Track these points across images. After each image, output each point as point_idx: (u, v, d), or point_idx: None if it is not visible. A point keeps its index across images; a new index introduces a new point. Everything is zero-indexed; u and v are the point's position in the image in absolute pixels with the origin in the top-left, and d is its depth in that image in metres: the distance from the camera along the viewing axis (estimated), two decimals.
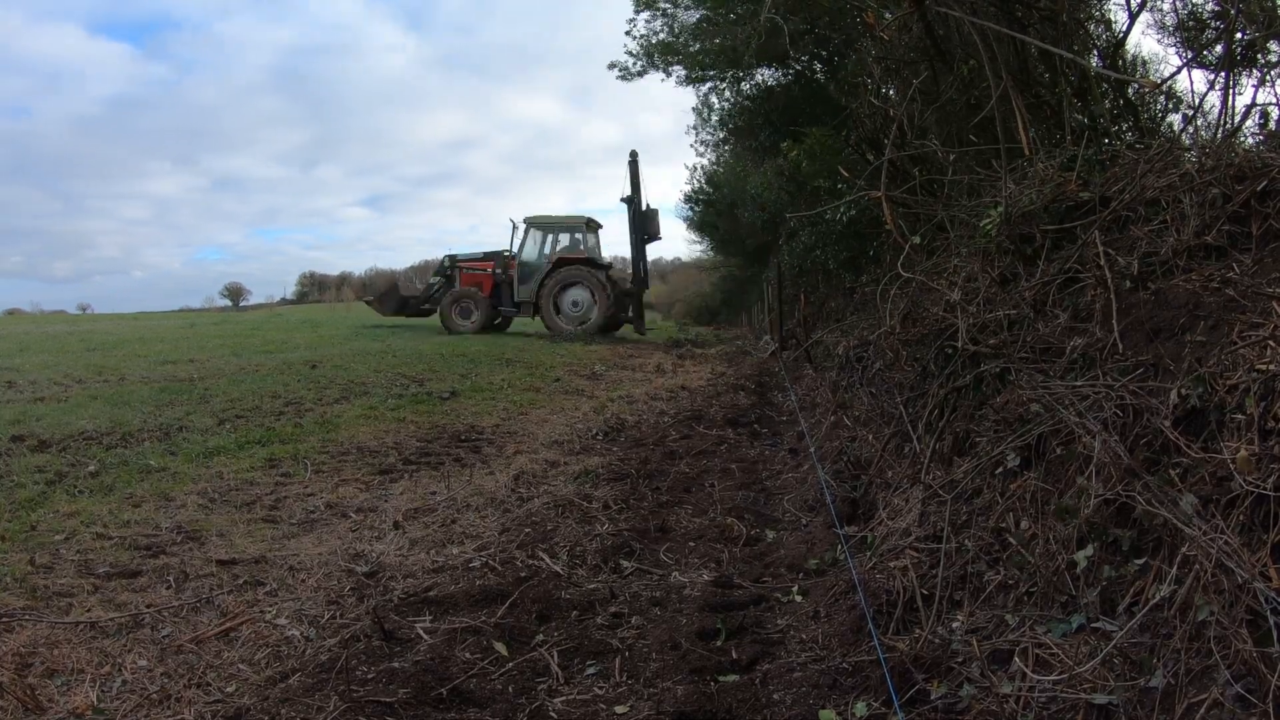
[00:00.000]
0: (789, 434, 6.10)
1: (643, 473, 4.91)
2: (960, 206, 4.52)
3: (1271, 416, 1.85)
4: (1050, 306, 3.17)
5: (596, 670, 2.50)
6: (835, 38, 9.51)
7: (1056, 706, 1.81)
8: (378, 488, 4.67)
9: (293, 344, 12.35)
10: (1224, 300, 2.41)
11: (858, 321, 7.40)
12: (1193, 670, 1.63)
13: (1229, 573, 1.66)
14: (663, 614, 2.90)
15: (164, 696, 2.35)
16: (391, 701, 2.25)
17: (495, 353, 11.38)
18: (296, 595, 3.09)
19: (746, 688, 2.30)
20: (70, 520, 3.83)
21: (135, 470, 4.73)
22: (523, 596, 2.97)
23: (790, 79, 12.39)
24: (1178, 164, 3.23)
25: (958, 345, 3.35)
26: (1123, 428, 2.27)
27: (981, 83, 4.65)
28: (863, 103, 6.80)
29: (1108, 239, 3.10)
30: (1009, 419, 2.80)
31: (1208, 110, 5.12)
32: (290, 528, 3.91)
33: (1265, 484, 1.72)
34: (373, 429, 6.15)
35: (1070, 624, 2.04)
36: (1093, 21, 5.86)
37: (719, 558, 3.47)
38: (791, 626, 2.73)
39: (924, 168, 5.52)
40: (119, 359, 10.10)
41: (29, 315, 34.68)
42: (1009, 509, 2.54)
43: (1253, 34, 4.42)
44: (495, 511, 4.18)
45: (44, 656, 2.53)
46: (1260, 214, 2.70)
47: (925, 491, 3.04)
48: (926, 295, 4.01)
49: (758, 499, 4.36)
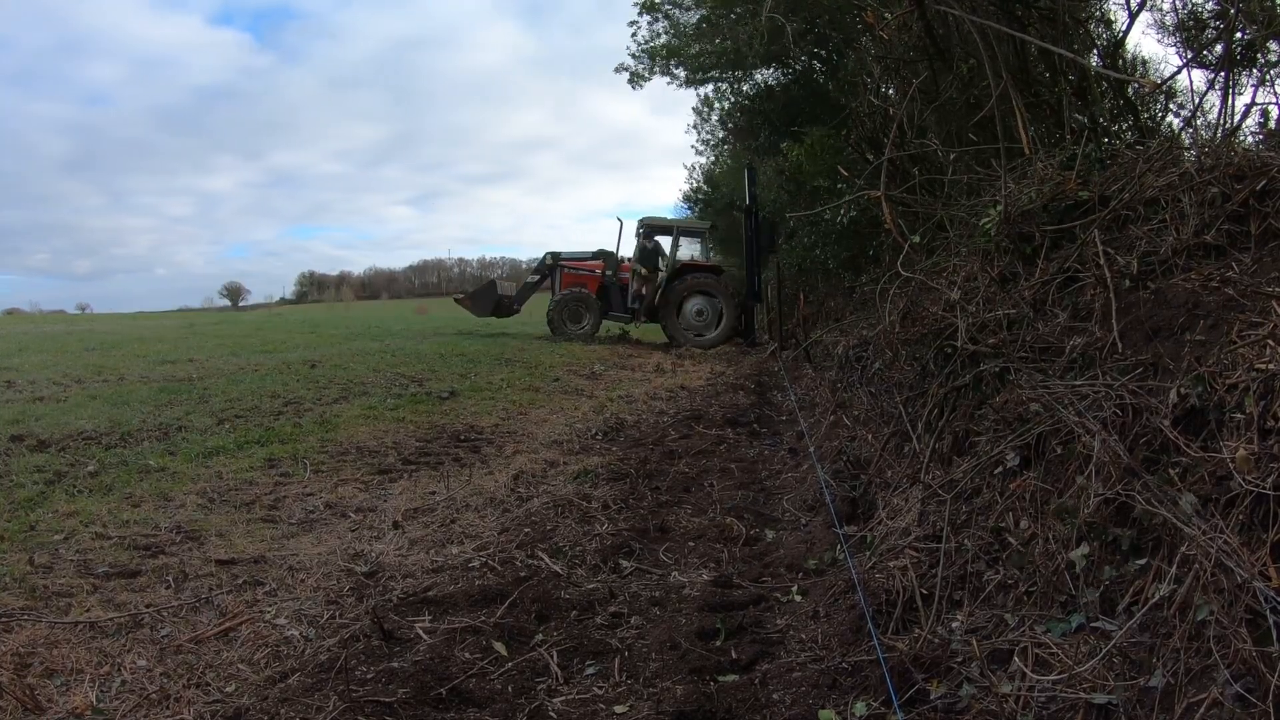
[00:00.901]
0: (788, 434, 6.10)
1: (642, 472, 4.90)
2: (960, 206, 4.52)
3: (1271, 416, 1.85)
4: (1050, 306, 3.18)
5: (596, 670, 2.50)
6: (835, 37, 9.52)
7: (1056, 706, 1.81)
8: (377, 487, 4.66)
9: (292, 344, 12.35)
10: (1223, 299, 2.41)
11: (857, 321, 7.40)
12: (1192, 670, 1.63)
13: (1228, 572, 1.66)
14: (662, 614, 2.90)
15: (163, 696, 2.35)
16: (391, 701, 2.25)
17: (495, 352, 11.37)
18: (296, 595, 3.09)
19: (746, 688, 2.30)
20: (69, 520, 3.83)
21: (134, 470, 4.72)
22: (522, 596, 2.97)
23: (790, 78, 12.41)
24: (1177, 163, 3.23)
25: (957, 344, 3.35)
26: (1122, 427, 2.27)
27: (981, 82, 4.66)
28: (862, 102, 6.80)
29: (1107, 238, 3.10)
30: (1008, 418, 2.80)
31: (1207, 110, 5.13)
32: (289, 528, 3.91)
33: (1265, 483, 1.72)
34: (372, 429, 6.14)
35: (1070, 624, 2.04)
36: (1093, 21, 5.86)
37: (718, 557, 3.47)
38: (791, 626, 2.72)
39: (923, 167, 5.52)
40: (118, 359, 10.09)
41: (28, 315, 34.67)
42: (1008, 508, 2.54)
43: (1252, 33, 4.42)
44: (494, 511, 4.18)
45: (43, 656, 2.53)
46: (1259, 213, 2.70)
47: (925, 491, 3.04)
48: (926, 294, 4.01)
49: (757, 498, 4.35)
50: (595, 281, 14.71)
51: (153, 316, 27.94)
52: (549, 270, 15.07)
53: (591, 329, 14.41)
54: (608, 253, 14.85)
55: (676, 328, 14.34)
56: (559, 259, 15.00)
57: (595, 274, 14.77)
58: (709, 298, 14.30)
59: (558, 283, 14.84)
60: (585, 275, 14.79)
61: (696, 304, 14.32)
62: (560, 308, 14.52)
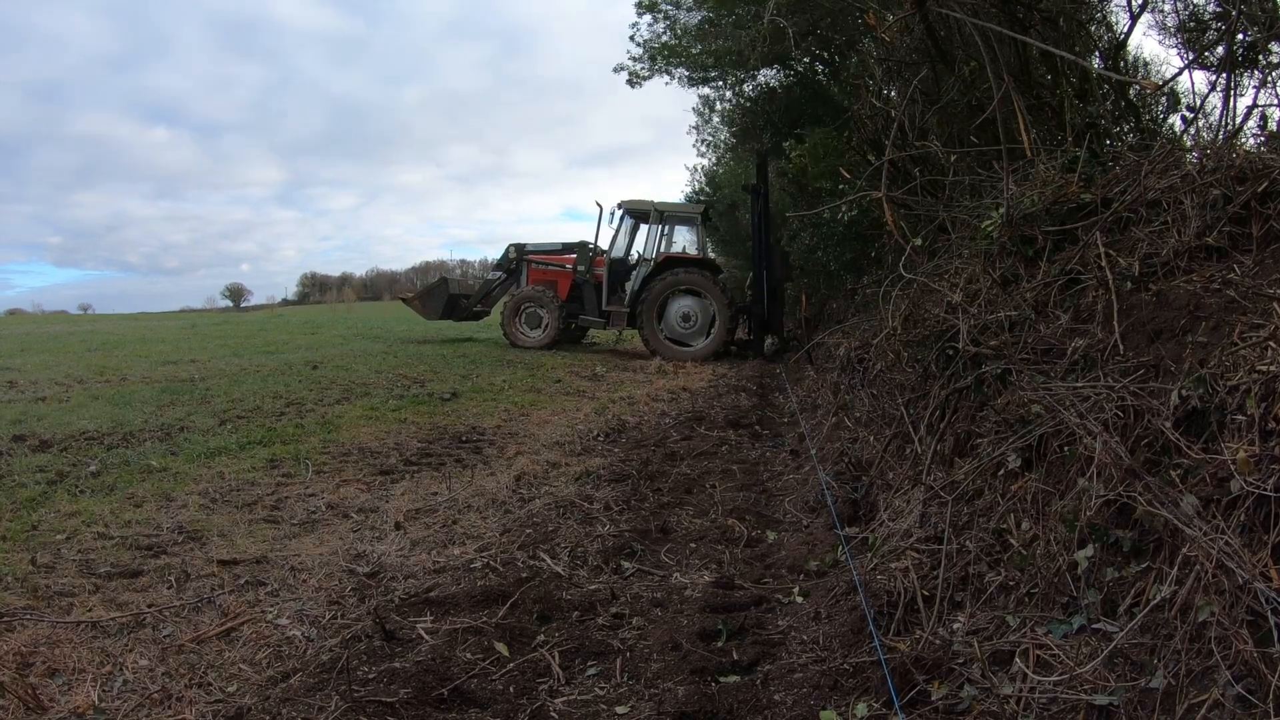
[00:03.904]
0: (790, 435, 6.10)
1: (644, 474, 4.91)
2: (961, 208, 4.52)
3: (1272, 417, 1.85)
4: (1051, 308, 3.18)
5: (597, 671, 2.50)
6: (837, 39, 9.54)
7: (1057, 707, 1.81)
8: (379, 488, 4.67)
9: (294, 344, 12.36)
10: (1225, 301, 2.41)
11: (859, 323, 7.40)
12: (1193, 671, 1.63)
13: (1230, 573, 1.66)
14: (664, 615, 2.90)
15: (165, 696, 2.35)
16: (392, 701, 2.25)
17: (496, 354, 11.38)
18: (298, 595, 3.09)
19: (747, 688, 2.30)
20: (71, 520, 3.84)
21: (136, 470, 4.73)
22: (524, 597, 2.97)
23: (792, 80, 12.42)
24: (1179, 165, 3.23)
25: (959, 346, 3.35)
26: (1124, 429, 2.27)
27: (983, 84, 4.66)
28: (864, 104, 6.80)
29: (1109, 240, 3.10)
30: (1010, 420, 2.80)
31: (1209, 111, 5.12)
32: (291, 528, 3.91)
33: (1266, 485, 1.73)
34: (374, 429, 6.15)
35: (1071, 625, 2.04)
36: (1094, 23, 5.86)
37: (720, 559, 3.47)
38: (792, 627, 2.73)
39: (925, 169, 5.52)
40: (120, 359, 10.12)
41: (30, 315, 34.73)
42: (1010, 510, 2.54)
43: (1254, 35, 4.42)
44: (496, 512, 4.19)
45: (45, 656, 2.53)
46: (1261, 215, 2.70)
47: (926, 492, 3.04)
48: (928, 296, 4.01)
49: (759, 500, 4.36)
50: (567, 278, 12.40)
51: (155, 317, 27.98)
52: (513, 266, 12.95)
53: (549, 337, 12.12)
54: (581, 245, 12.47)
55: (656, 335, 11.82)
56: (524, 253, 12.83)
57: (566, 269, 12.43)
58: (698, 299, 11.81)
59: (524, 280, 12.71)
60: (555, 271, 12.50)
61: (683, 306, 11.82)
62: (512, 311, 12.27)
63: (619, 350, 13.39)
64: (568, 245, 12.70)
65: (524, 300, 12.30)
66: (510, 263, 13.05)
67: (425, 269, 74.01)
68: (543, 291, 12.33)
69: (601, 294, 12.23)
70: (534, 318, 12.29)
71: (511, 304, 12.40)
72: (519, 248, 12.97)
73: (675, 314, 11.85)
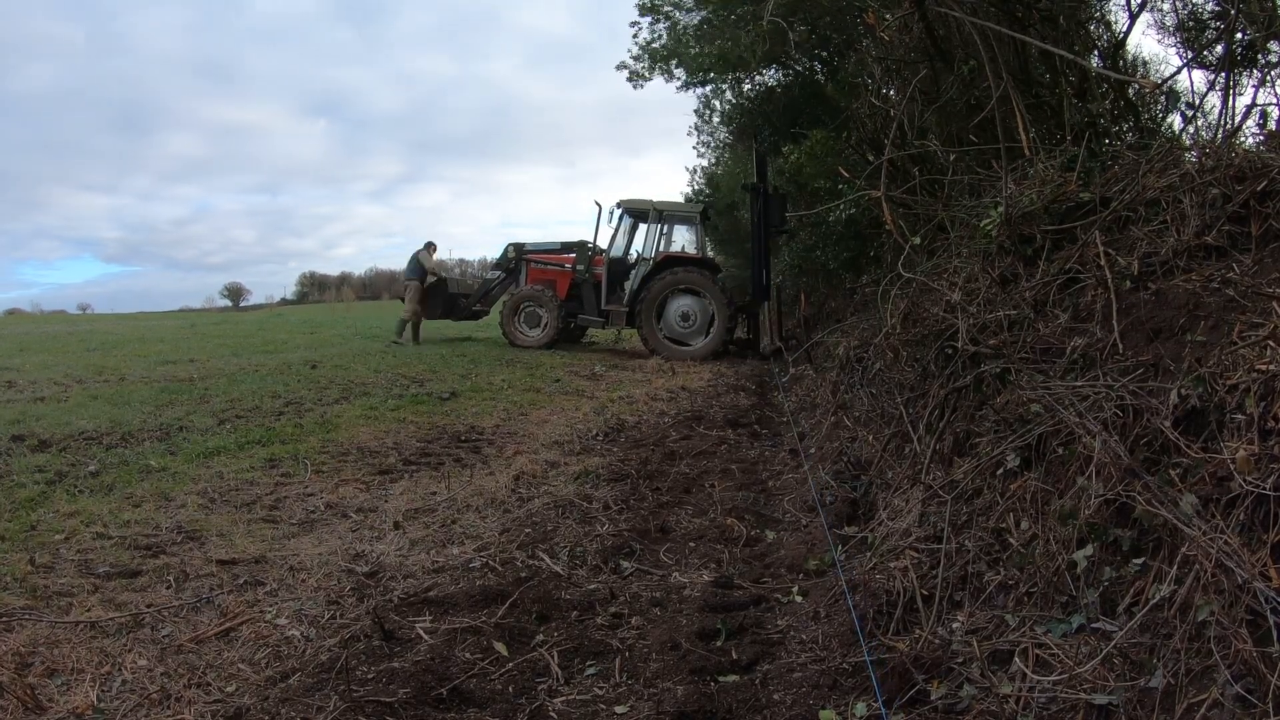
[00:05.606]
0: (789, 434, 6.10)
1: (643, 473, 4.91)
2: (960, 207, 4.53)
3: (1271, 416, 1.85)
4: (1050, 307, 3.18)
5: (596, 670, 2.50)
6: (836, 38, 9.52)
7: (1056, 707, 1.81)
8: (378, 488, 4.66)
9: (293, 344, 12.35)
10: (1224, 300, 2.41)
11: (858, 322, 7.41)
12: (1193, 670, 1.63)
13: (1229, 573, 1.66)
14: (663, 614, 2.90)
15: (164, 696, 2.35)
16: (391, 701, 2.25)
17: (496, 353, 11.38)
18: (297, 595, 3.09)
19: (746, 688, 2.30)
20: (70, 520, 3.83)
21: (135, 470, 4.73)
22: (523, 597, 2.97)
23: (791, 79, 12.40)
24: (1178, 164, 3.23)
25: (958, 345, 3.35)
26: (1123, 428, 2.27)
27: (982, 83, 4.65)
28: (863, 103, 6.81)
29: (1108, 239, 3.10)
30: (1009, 419, 2.80)
31: (1208, 110, 5.13)
32: (290, 528, 3.91)
33: (1265, 484, 1.72)
34: (373, 429, 6.15)
35: (1070, 624, 2.04)
36: (1093, 22, 5.86)
37: (719, 558, 3.47)
38: (791, 627, 2.73)
39: (924, 168, 5.53)
40: (119, 359, 10.10)
41: (29, 315, 34.69)
42: (1009, 509, 2.54)
43: (1253, 34, 4.42)
44: (495, 512, 4.18)
45: (44, 656, 2.53)
46: (1260, 214, 2.70)
47: (925, 492, 3.04)
48: (927, 296, 4.01)
49: (758, 499, 4.35)
50: (566, 278, 12.42)
51: (154, 316, 27.96)
52: (512, 265, 12.98)
53: (548, 336, 12.18)
54: (580, 244, 12.45)
55: (655, 334, 11.86)
56: (523, 252, 12.84)
57: (565, 269, 12.47)
58: (698, 298, 11.85)
59: (523, 280, 12.71)
60: (554, 271, 12.52)
61: (682, 305, 11.85)
62: (511, 310, 12.30)
63: (618, 349, 13.37)
64: (567, 244, 12.72)
65: (523, 299, 12.37)
66: (509, 262, 13.08)
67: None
68: (542, 291, 12.37)
69: (600, 293, 12.28)
70: (533, 317, 12.34)
71: (510, 303, 12.44)
72: (518, 247, 13.00)
73: (674, 313, 11.89)
